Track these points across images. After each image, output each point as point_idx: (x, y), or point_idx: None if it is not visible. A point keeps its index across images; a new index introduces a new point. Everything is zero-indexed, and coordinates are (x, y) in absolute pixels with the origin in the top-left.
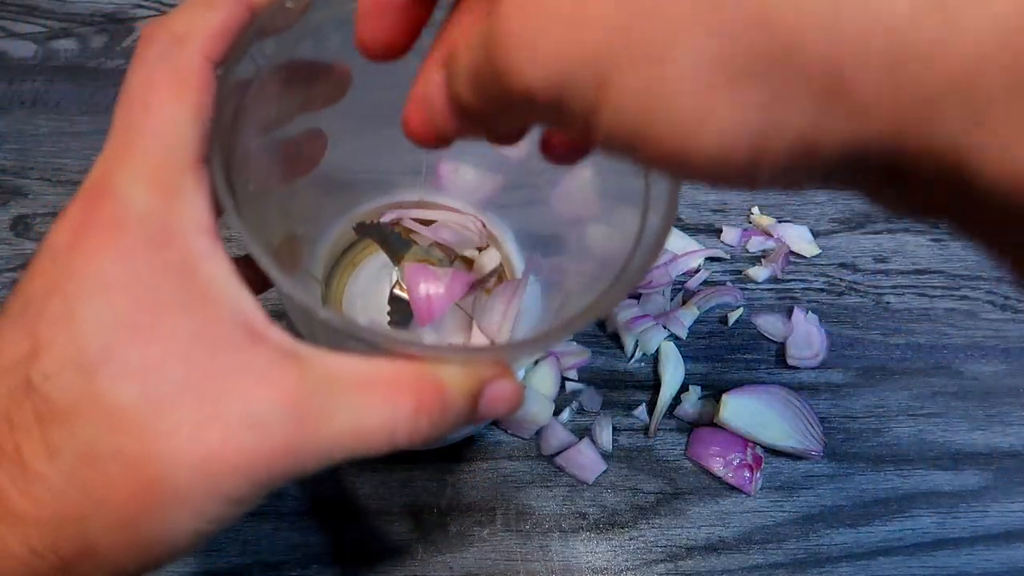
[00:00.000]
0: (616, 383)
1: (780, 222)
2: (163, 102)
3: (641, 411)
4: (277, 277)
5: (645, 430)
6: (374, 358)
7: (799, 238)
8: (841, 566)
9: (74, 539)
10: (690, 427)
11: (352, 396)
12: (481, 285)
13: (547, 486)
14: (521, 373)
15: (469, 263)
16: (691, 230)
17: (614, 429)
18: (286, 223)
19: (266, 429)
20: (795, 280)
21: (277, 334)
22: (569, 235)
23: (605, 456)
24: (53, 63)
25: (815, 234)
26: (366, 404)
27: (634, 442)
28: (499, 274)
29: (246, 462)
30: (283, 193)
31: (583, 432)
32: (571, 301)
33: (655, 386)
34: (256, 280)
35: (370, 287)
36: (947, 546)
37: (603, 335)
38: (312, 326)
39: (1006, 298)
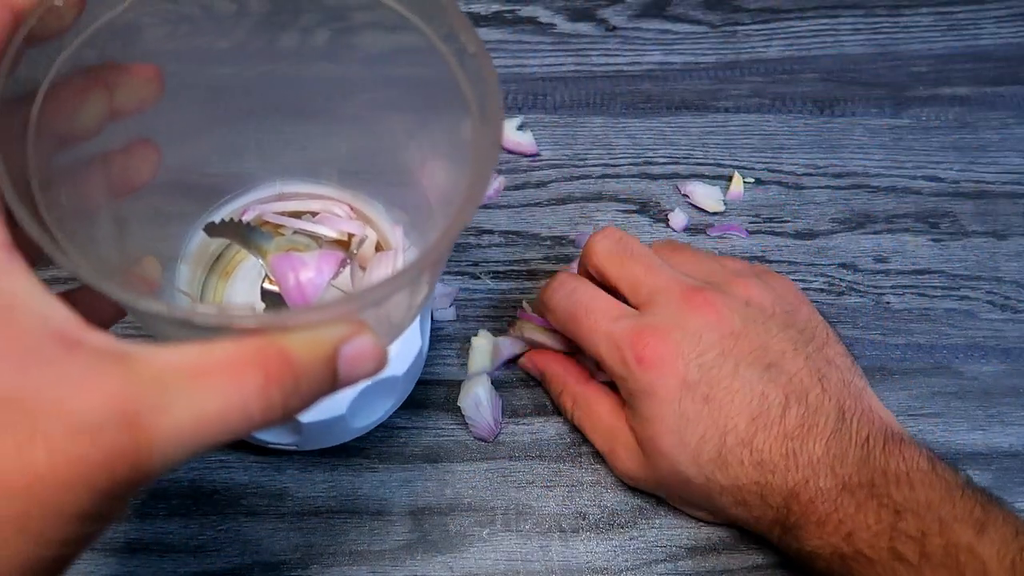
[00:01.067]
0: None
1: (688, 177)
2: None
3: None
4: (85, 273)
5: None
6: (214, 342)
7: (706, 196)
8: None
9: None
10: None
11: (188, 385)
12: (351, 259)
13: (547, 486)
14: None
15: (344, 245)
16: (691, 230)
17: None
18: (127, 244)
19: (95, 436)
20: (795, 280)
21: (97, 338)
22: (431, 202)
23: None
24: None
25: (815, 234)
26: (204, 390)
27: None
28: (376, 247)
29: (81, 474)
30: (121, 209)
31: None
32: None
33: None
34: (110, 310)
35: (245, 290)
36: None
37: None
38: (159, 326)
39: (1006, 298)
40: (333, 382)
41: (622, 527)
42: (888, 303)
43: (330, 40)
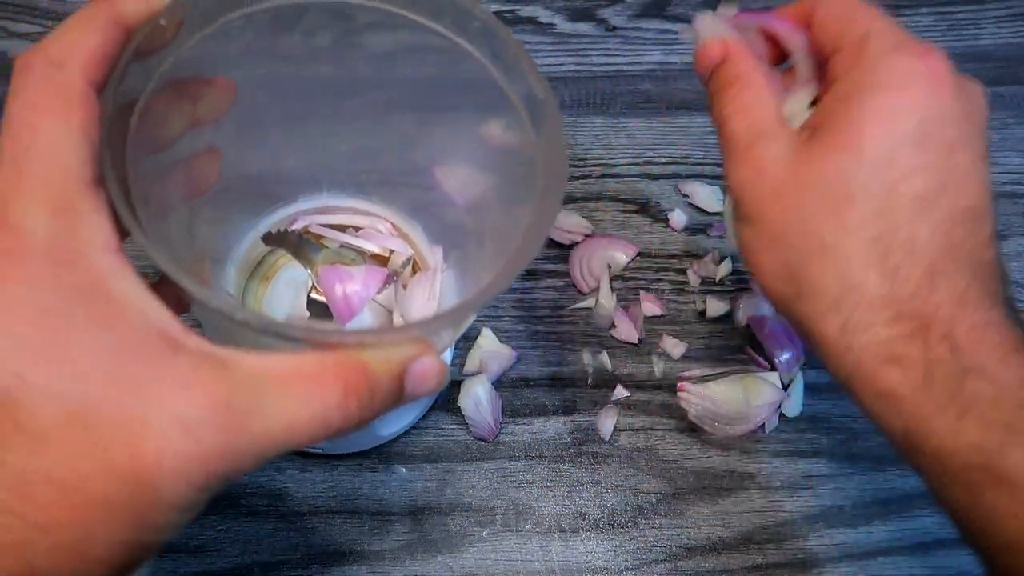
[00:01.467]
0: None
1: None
2: (49, 125)
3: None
4: (190, 285)
5: (645, 430)
6: (297, 352)
7: (706, 196)
8: (841, 566)
9: (15, 568)
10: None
11: (280, 391)
12: (396, 277)
13: (547, 486)
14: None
15: (382, 260)
16: (691, 230)
17: (615, 429)
18: (192, 245)
19: (199, 433)
20: None
21: (196, 341)
22: (472, 227)
23: (604, 455)
24: None
25: None
26: (295, 397)
27: (634, 442)
28: (413, 266)
29: (184, 468)
30: (184, 215)
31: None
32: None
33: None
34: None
35: (287, 298)
36: (947, 546)
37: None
38: (230, 333)
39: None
40: (400, 397)
41: (622, 527)
42: None
43: (381, 56)
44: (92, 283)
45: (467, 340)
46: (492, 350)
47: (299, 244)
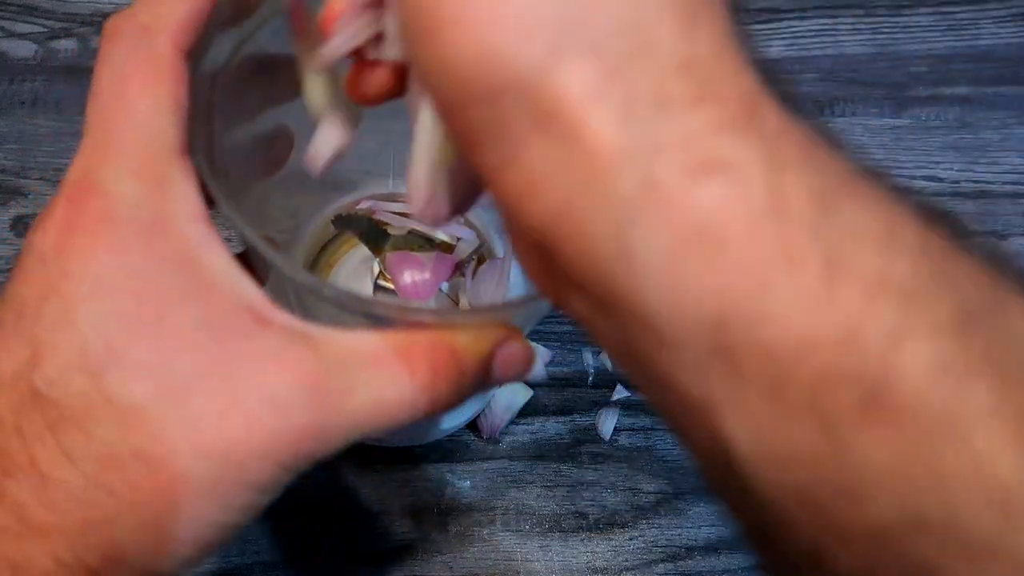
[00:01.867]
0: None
1: None
2: (139, 93)
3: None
4: (276, 259)
5: (645, 430)
6: (384, 331)
7: None
8: None
9: (101, 545)
10: None
11: (369, 370)
12: (466, 265)
13: (547, 486)
14: None
15: (449, 248)
16: None
17: (615, 429)
18: (262, 225)
19: (288, 411)
20: None
21: (284, 317)
22: None
23: (604, 455)
24: (53, 63)
25: None
26: (384, 377)
27: (634, 442)
28: (480, 254)
29: (272, 446)
30: (256, 193)
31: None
32: None
33: None
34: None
35: (351, 283)
36: None
37: None
38: (310, 309)
39: None
40: (487, 381)
41: (622, 527)
42: None
43: None
44: (181, 253)
45: None
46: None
47: (368, 229)
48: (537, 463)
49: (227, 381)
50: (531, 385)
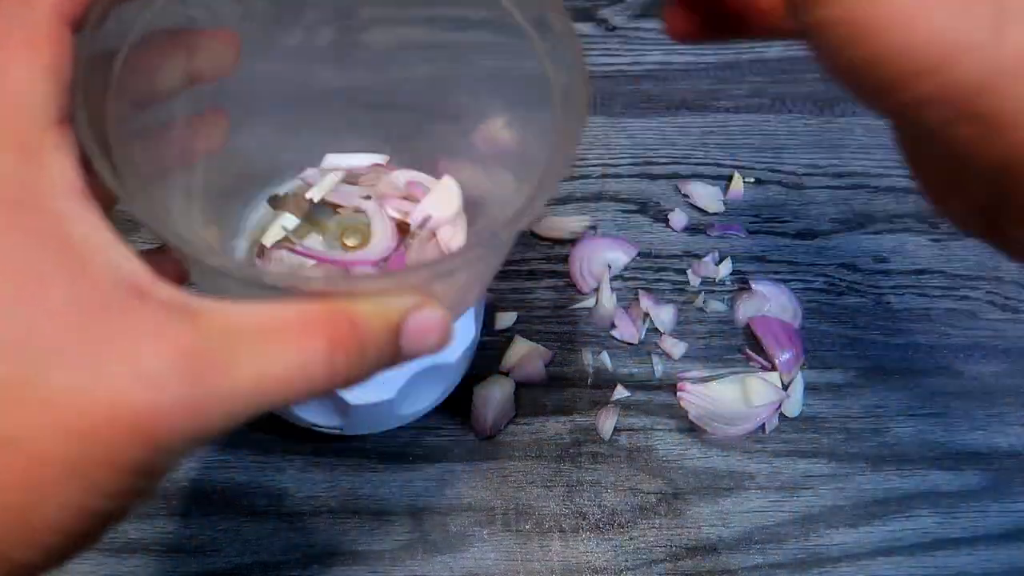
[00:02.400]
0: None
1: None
2: (14, 62)
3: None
4: (152, 220)
5: (645, 430)
6: (282, 303)
7: (706, 196)
8: (841, 566)
9: None
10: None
11: (254, 344)
12: (412, 239)
13: (547, 486)
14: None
15: (402, 225)
16: (691, 230)
17: (615, 429)
18: (193, 210)
19: (160, 386)
20: (795, 280)
21: (166, 290)
22: (490, 176)
23: (604, 455)
24: None
25: (815, 234)
26: (270, 351)
27: (634, 442)
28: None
29: (142, 423)
30: (185, 179)
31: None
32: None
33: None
34: (172, 274)
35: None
36: (947, 546)
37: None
38: (219, 288)
39: (1006, 298)
40: (396, 354)
41: (622, 527)
42: (888, 303)
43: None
44: (52, 227)
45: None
46: (525, 352)
47: (309, 208)
48: (537, 463)
49: (94, 358)
50: (531, 385)
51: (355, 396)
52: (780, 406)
